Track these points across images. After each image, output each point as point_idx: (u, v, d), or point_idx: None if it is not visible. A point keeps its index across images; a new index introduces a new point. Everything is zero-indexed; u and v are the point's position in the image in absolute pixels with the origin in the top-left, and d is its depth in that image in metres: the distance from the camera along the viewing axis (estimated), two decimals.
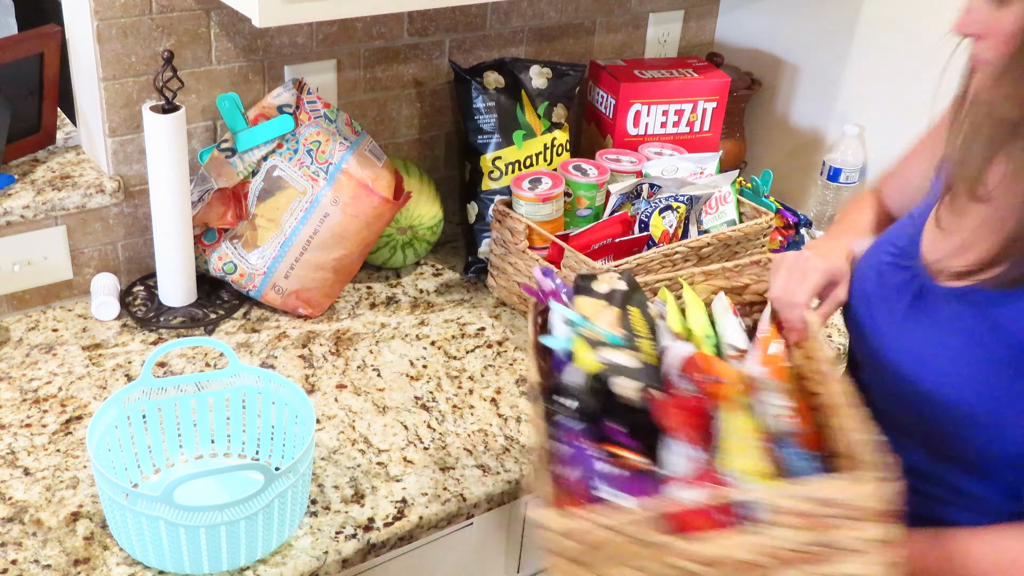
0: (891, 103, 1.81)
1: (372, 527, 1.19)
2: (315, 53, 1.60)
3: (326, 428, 1.33)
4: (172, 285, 1.50)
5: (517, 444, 1.34)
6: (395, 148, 1.76)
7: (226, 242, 1.52)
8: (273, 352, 1.47)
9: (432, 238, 1.67)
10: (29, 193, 1.45)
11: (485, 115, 1.63)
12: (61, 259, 1.51)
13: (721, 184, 1.63)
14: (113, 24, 1.41)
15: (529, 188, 1.56)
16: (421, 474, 1.27)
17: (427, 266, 1.72)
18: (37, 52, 1.45)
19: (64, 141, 1.59)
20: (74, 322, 1.50)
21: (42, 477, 1.22)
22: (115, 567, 1.10)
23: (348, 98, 1.67)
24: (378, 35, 1.65)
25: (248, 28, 1.52)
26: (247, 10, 1.21)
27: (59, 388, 1.36)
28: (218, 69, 1.52)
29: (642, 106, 1.78)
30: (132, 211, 1.54)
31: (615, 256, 1.53)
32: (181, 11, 1.45)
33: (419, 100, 1.75)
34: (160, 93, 1.38)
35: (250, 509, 1.05)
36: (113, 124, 1.47)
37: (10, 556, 1.10)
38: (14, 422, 1.30)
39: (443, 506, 1.23)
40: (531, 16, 1.81)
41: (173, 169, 1.42)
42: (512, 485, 1.28)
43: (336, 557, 1.15)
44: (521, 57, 1.79)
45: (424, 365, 1.47)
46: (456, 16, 1.72)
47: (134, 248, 1.57)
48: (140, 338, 1.47)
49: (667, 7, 1.98)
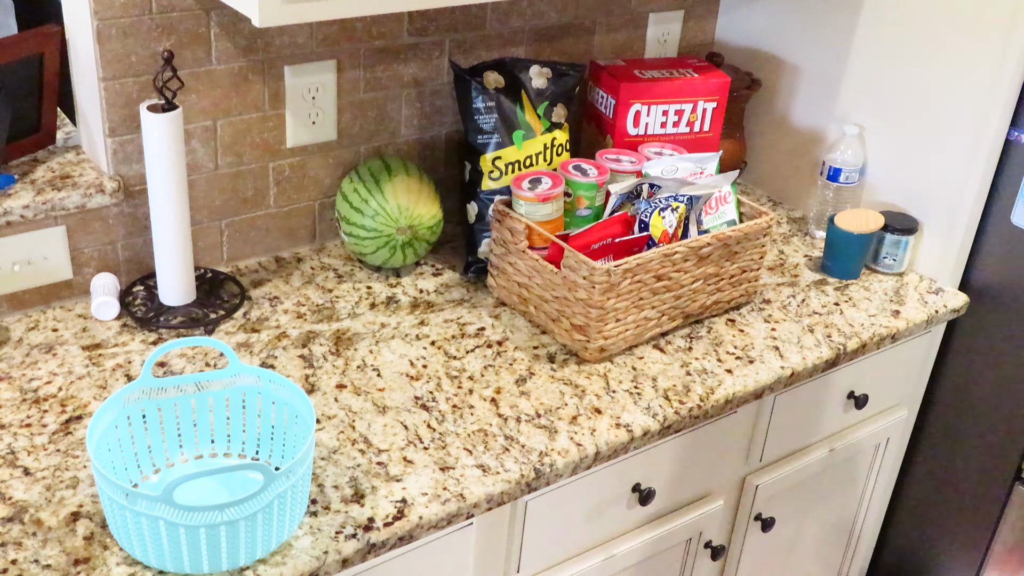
0: (891, 103, 1.81)
1: (372, 527, 1.19)
2: (315, 53, 1.60)
3: (326, 428, 1.33)
4: (171, 285, 1.50)
5: (517, 444, 1.34)
6: (395, 148, 1.77)
7: None
8: (273, 352, 1.47)
9: (432, 238, 1.67)
10: (29, 193, 1.45)
11: (485, 115, 1.63)
12: (61, 259, 1.51)
13: (721, 184, 1.63)
14: (113, 24, 1.41)
15: (529, 188, 1.56)
16: (421, 474, 1.27)
17: (427, 266, 1.72)
18: (37, 52, 1.45)
19: (64, 141, 1.59)
20: (74, 322, 1.50)
21: (42, 477, 1.22)
22: (115, 567, 1.10)
23: (348, 98, 1.67)
24: (378, 35, 1.65)
25: (248, 28, 1.52)
26: (247, 10, 1.21)
27: (59, 388, 1.36)
28: (218, 69, 1.52)
29: (642, 106, 1.78)
30: (132, 211, 1.54)
31: (615, 256, 1.53)
32: (181, 11, 1.45)
33: (419, 100, 1.75)
34: (160, 93, 1.38)
35: (250, 509, 1.05)
36: (113, 124, 1.47)
37: (10, 556, 1.10)
38: (14, 422, 1.30)
39: (443, 506, 1.23)
40: (531, 16, 1.81)
41: (171, 168, 1.42)
42: (512, 485, 1.28)
43: (336, 557, 1.15)
44: (521, 57, 1.78)
45: (424, 365, 1.47)
46: (456, 16, 1.72)
47: (134, 248, 1.57)
48: (140, 338, 1.47)
49: (667, 7, 1.98)
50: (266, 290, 1.62)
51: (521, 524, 1.39)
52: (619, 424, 1.39)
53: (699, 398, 1.46)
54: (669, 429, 1.43)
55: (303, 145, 1.66)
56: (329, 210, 1.74)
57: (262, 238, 1.70)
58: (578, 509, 1.45)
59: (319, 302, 1.60)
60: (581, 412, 1.41)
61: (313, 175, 1.70)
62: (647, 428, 1.40)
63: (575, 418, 1.40)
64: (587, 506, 1.46)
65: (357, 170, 1.67)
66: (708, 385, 1.49)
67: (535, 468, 1.30)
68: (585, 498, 1.44)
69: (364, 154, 1.73)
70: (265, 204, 1.67)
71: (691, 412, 1.45)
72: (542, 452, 1.33)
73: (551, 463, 1.32)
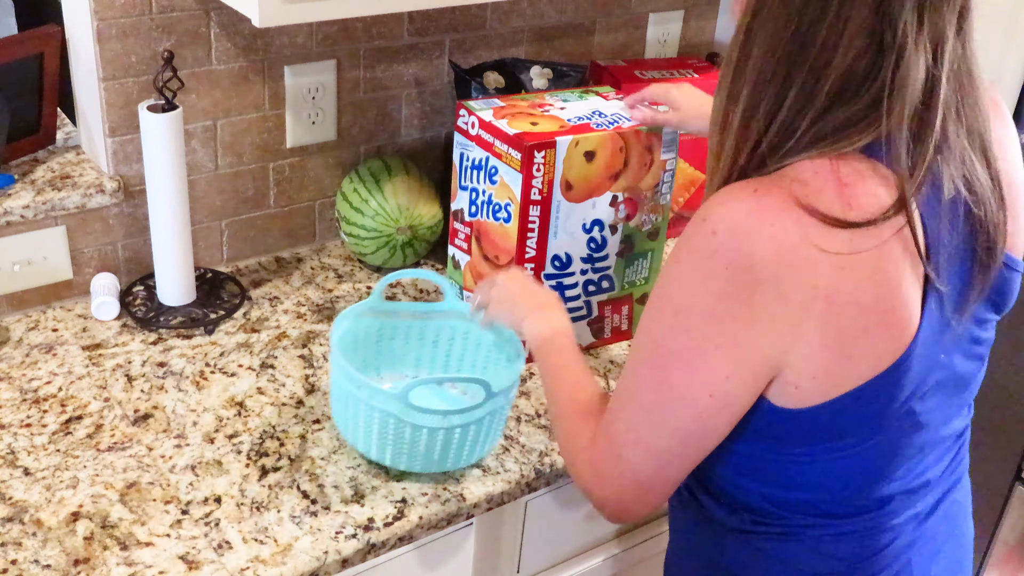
0: None
1: (372, 527, 1.19)
2: (315, 53, 1.60)
3: (326, 428, 1.33)
4: (171, 285, 1.50)
5: (517, 444, 1.34)
6: (395, 148, 1.77)
7: None
8: (273, 352, 1.47)
9: (432, 238, 1.67)
10: (29, 193, 1.45)
11: None
12: (61, 259, 1.51)
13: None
14: (113, 24, 1.41)
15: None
16: (421, 474, 1.27)
17: (427, 266, 1.72)
18: (37, 52, 1.45)
19: (64, 141, 1.59)
20: (74, 322, 1.50)
21: (42, 477, 1.22)
22: (115, 567, 1.10)
23: (348, 98, 1.67)
24: (378, 35, 1.65)
25: (248, 28, 1.52)
26: (247, 10, 1.21)
27: (59, 388, 1.36)
28: (218, 69, 1.52)
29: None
30: (132, 211, 1.54)
31: None
32: (181, 11, 1.45)
33: (419, 100, 1.75)
34: (160, 93, 1.38)
35: (472, 417, 1.19)
36: (113, 124, 1.47)
37: (10, 556, 1.10)
38: (14, 422, 1.30)
39: (443, 506, 1.23)
40: (531, 16, 1.81)
41: (171, 169, 1.42)
42: (512, 485, 1.28)
43: (336, 557, 1.15)
44: (521, 57, 1.78)
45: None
46: (456, 16, 1.72)
47: (134, 248, 1.57)
48: (140, 338, 1.47)
49: (667, 7, 1.98)
50: (266, 290, 1.62)
51: (521, 524, 1.39)
52: None
53: None
54: None
55: (303, 145, 1.66)
56: (329, 210, 1.74)
57: (262, 238, 1.70)
58: (578, 509, 1.45)
59: (319, 302, 1.60)
60: None
61: (313, 175, 1.70)
62: None
63: None
64: (587, 506, 1.46)
65: (357, 170, 1.67)
66: None
67: (535, 468, 1.30)
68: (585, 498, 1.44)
69: (364, 154, 1.73)
70: (265, 204, 1.67)
71: None
72: (542, 452, 1.33)
73: (551, 463, 1.32)
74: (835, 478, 0.99)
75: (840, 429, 0.94)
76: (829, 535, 1.01)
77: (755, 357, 0.90)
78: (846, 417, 0.93)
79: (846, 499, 1.00)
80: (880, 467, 0.99)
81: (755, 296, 0.87)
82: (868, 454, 0.97)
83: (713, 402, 0.92)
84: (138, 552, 1.13)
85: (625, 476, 0.99)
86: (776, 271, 0.86)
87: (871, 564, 1.03)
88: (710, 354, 0.91)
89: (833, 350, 0.89)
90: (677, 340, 0.92)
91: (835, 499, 1.00)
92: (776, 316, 0.88)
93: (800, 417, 0.93)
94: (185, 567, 1.11)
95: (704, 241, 0.89)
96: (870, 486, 1.00)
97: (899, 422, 0.96)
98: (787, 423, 0.94)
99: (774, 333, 0.89)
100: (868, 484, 0.99)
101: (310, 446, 1.30)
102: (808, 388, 0.91)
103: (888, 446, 0.97)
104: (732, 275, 0.88)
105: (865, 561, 1.03)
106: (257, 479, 1.24)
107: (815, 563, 1.03)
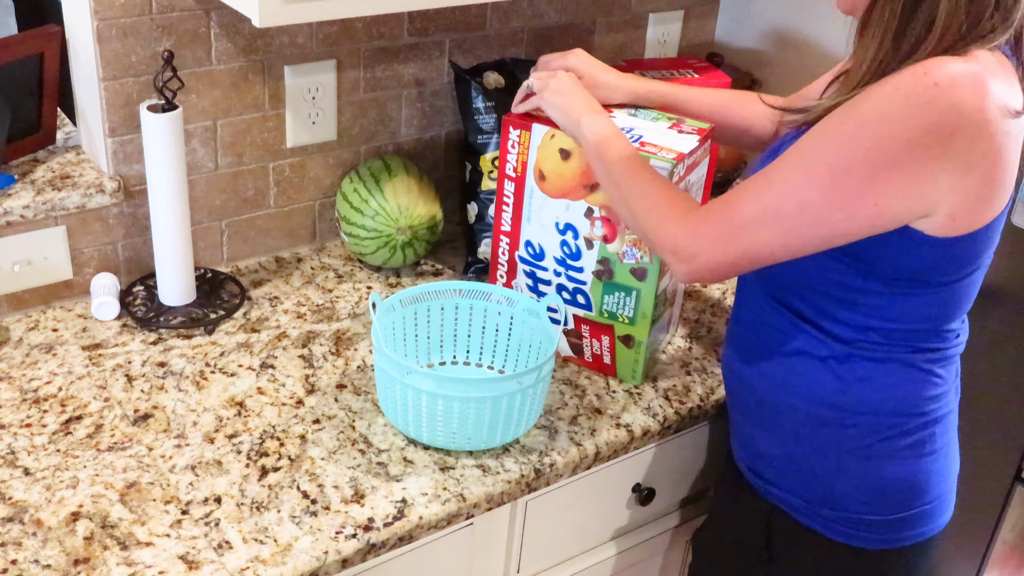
0: None
1: (372, 527, 1.19)
2: (315, 53, 1.60)
3: (326, 428, 1.33)
4: (171, 285, 1.50)
5: (517, 444, 1.34)
6: (395, 148, 1.77)
7: None
8: (273, 352, 1.47)
9: (431, 238, 1.67)
10: (29, 193, 1.45)
11: (485, 115, 1.63)
12: (61, 259, 1.51)
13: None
14: (113, 24, 1.41)
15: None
16: (421, 474, 1.27)
17: (427, 266, 1.72)
18: (37, 52, 1.45)
19: (64, 141, 1.59)
20: (74, 322, 1.50)
21: (42, 477, 1.22)
22: (115, 567, 1.10)
23: (348, 98, 1.67)
24: (378, 35, 1.65)
25: (248, 28, 1.52)
26: (247, 10, 1.21)
27: (59, 388, 1.36)
28: (218, 69, 1.52)
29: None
30: (132, 211, 1.54)
31: None
32: (181, 11, 1.45)
33: (419, 100, 1.75)
34: (160, 93, 1.38)
35: (502, 389, 1.24)
36: (113, 124, 1.47)
37: (10, 556, 1.11)
38: (14, 422, 1.30)
39: (443, 506, 1.23)
40: (531, 16, 1.81)
41: (171, 168, 1.42)
42: (512, 485, 1.28)
43: (336, 557, 1.15)
44: (521, 57, 1.79)
45: None
46: (456, 16, 1.72)
47: (134, 248, 1.57)
48: (140, 338, 1.47)
49: (667, 7, 1.98)
50: (266, 290, 1.62)
51: (521, 524, 1.39)
52: (619, 424, 1.39)
53: (699, 398, 1.46)
54: (669, 429, 1.43)
55: (303, 145, 1.66)
56: (329, 210, 1.74)
57: (262, 238, 1.70)
58: (578, 509, 1.45)
59: (319, 302, 1.60)
60: (581, 412, 1.41)
61: (313, 175, 1.70)
62: (647, 428, 1.40)
63: (575, 418, 1.40)
64: (587, 506, 1.46)
65: (357, 170, 1.67)
66: (708, 385, 1.49)
67: (535, 468, 1.31)
68: (585, 498, 1.44)
69: (364, 154, 1.74)
70: (265, 204, 1.67)
71: (691, 412, 1.45)
72: (542, 452, 1.33)
73: (551, 463, 1.32)
74: (921, 312, 1.19)
75: (974, 255, 1.16)
76: (925, 360, 1.22)
77: (929, 186, 1.08)
78: (976, 246, 1.15)
79: (927, 330, 1.21)
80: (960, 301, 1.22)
81: (952, 138, 1.05)
82: (961, 288, 1.20)
83: (874, 210, 1.09)
84: (138, 552, 1.13)
85: (736, 245, 1.15)
86: (974, 123, 1.05)
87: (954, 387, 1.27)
88: (894, 172, 1.07)
89: (983, 195, 1.10)
90: (871, 154, 1.07)
91: (919, 329, 1.20)
92: (960, 157, 1.06)
93: (949, 244, 1.12)
94: (185, 567, 1.11)
95: (925, 89, 1.05)
96: (946, 321, 1.22)
97: (982, 269, 1.20)
98: (936, 251, 1.13)
99: (955, 171, 1.07)
100: (946, 318, 1.21)
101: (310, 446, 1.30)
102: (962, 220, 1.11)
103: (968, 288, 1.21)
104: (941, 119, 1.05)
105: (953, 381, 1.27)
106: (257, 479, 1.24)
107: (911, 386, 1.21)
